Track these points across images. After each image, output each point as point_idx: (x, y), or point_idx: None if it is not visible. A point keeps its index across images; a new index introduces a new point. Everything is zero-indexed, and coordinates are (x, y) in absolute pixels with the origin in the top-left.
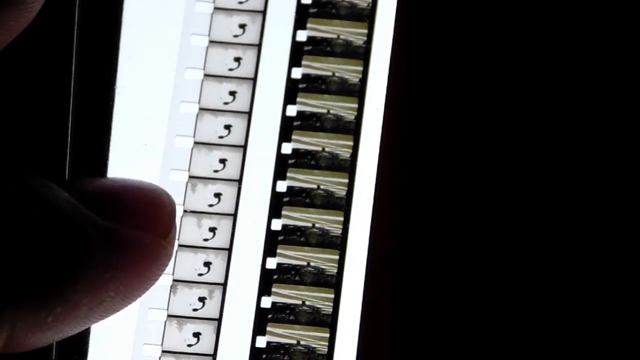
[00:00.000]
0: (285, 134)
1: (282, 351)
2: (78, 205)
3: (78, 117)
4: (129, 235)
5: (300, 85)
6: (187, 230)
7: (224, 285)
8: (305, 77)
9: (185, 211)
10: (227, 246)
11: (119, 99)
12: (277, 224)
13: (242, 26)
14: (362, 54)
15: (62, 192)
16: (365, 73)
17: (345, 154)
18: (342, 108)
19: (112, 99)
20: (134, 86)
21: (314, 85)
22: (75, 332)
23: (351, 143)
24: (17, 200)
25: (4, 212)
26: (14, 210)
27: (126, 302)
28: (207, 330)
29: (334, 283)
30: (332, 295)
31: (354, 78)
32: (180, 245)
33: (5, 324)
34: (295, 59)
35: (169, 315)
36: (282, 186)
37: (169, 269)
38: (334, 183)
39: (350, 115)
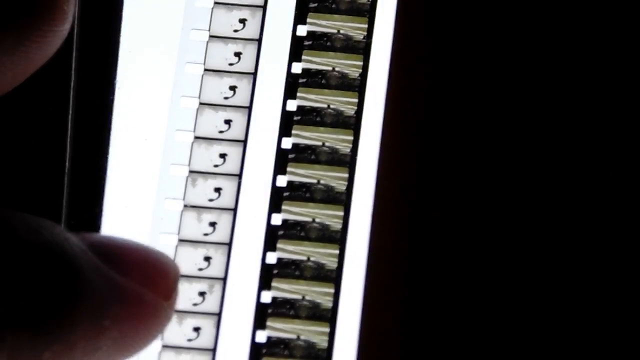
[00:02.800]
0: (285, 129)
1: (282, 346)
2: (86, 250)
3: (78, 112)
4: (132, 288)
5: (301, 80)
6: (187, 224)
7: (224, 279)
8: (306, 71)
9: (185, 206)
10: (227, 241)
11: (119, 94)
12: (277, 219)
13: (243, 21)
14: (362, 49)
15: (72, 236)
16: (365, 68)
17: (346, 148)
18: (343, 103)
19: (112, 94)
20: (134, 81)
21: (314, 80)
22: None
23: (351, 138)
24: (28, 237)
25: (14, 247)
26: (24, 246)
27: (123, 354)
28: (207, 324)
29: (334, 278)
30: (333, 290)
31: (354, 73)
32: (180, 240)
33: (3, 351)
34: (295, 54)
35: None
36: (282, 181)
37: None
38: (334, 178)
39: (350, 110)
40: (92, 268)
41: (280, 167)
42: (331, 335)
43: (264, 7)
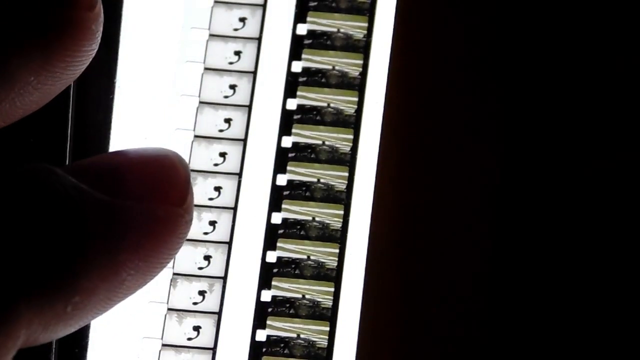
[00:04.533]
0: (285, 128)
1: (282, 345)
2: (83, 188)
3: (78, 111)
4: (140, 210)
5: (301, 79)
6: None
7: (224, 278)
8: (306, 70)
9: None
10: (227, 240)
11: (119, 92)
12: (277, 218)
13: (242, 20)
14: (362, 48)
15: (67, 177)
16: (365, 66)
17: (346, 147)
18: (343, 102)
19: (112, 93)
20: (134, 79)
21: (314, 78)
22: (103, 314)
23: (351, 136)
24: (20, 189)
25: (7, 202)
26: (16, 200)
27: (150, 276)
28: (207, 323)
29: (334, 276)
30: (332, 289)
31: (354, 72)
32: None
33: (21, 320)
34: (295, 53)
35: (169, 309)
36: (282, 180)
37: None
38: (334, 176)
39: (350, 109)
40: (92, 205)
41: (280, 166)
42: (331, 334)
43: (263, 6)
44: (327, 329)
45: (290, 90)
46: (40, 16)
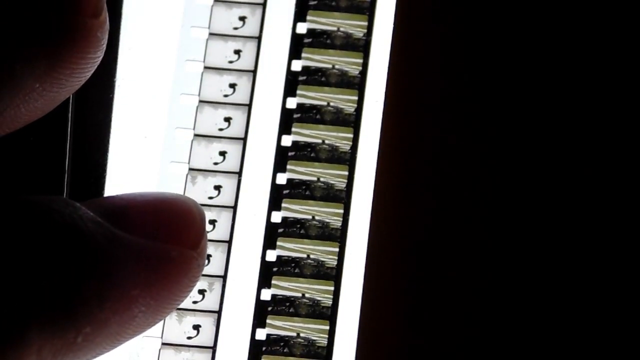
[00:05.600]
0: (285, 127)
1: (282, 343)
2: (102, 223)
3: (78, 109)
4: (156, 250)
5: (300, 78)
6: None
7: (224, 277)
8: (305, 69)
9: None
10: (227, 238)
11: (119, 91)
12: (277, 217)
13: (242, 18)
14: (362, 47)
15: (86, 211)
16: (365, 65)
17: (345, 146)
18: (342, 100)
19: (112, 91)
20: (134, 78)
21: (314, 77)
22: (112, 349)
23: (351, 135)
24: (43, 219)
25: (27, 233)
26: (38, 228)
27: (161, 315)
28: (207, 322)
29: (333, 275)
30: (332, 288)
31: (354, 70)
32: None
33: (32, 346)
34: (295, 52)
35: None
36: (282, 178)
37: None
38: (334, 175)
39: (350, 108)
40: (109, 241)
41: (280, 164)
42: (331, 333)
43: (263, 5)
44: (327, 327)
45: (290, 89)
46: (46, 23)
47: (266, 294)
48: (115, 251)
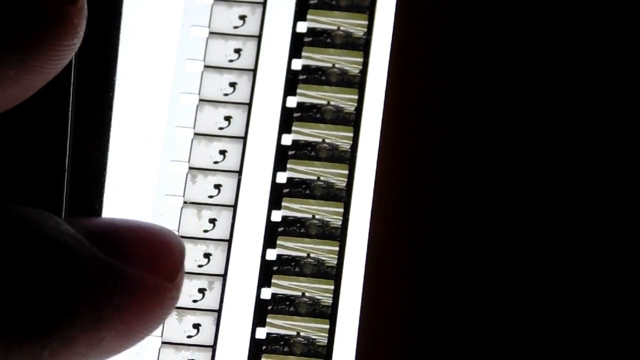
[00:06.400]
0: (285, 126)
1: (282, 342)
2: (82, 240)
3: (78, 108)
4: (131, 275)
5: (301, 77)
6: (187, 221)
7: (224, 276)
8: (306, 68)
9: (185, 202)
10: (227, 237)
11: (119, 90)
12: (277, 216)
13: (242, 17)
14: (362, 46)
15: (68, 227)
16: (365, 64)
17: (346, 145)
18: (343, 99)
19: (112, 90)
20: (134, 77)
21: (314, 76)
22: None
23: (351, 134)
24: (21, 231)
25: (4, 243)
26: (13, 240)
27: (129, 342)
28: (207, 321)
29: (334, 274)
30: (332, 287)
31: (354, 69)
32: (180, 237)
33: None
34: (295, 50)
35: None
36: (282, 177)
37: None
38: (334, 174)
39: (350, 107)
40: (88, 259)
41: (280, 163)
42: (331, 332)
43: (264, 4)
44: (327, 326)
45: (290, 88)
46: (20, 8)
47: (266, 293)
48: (91, 270)
